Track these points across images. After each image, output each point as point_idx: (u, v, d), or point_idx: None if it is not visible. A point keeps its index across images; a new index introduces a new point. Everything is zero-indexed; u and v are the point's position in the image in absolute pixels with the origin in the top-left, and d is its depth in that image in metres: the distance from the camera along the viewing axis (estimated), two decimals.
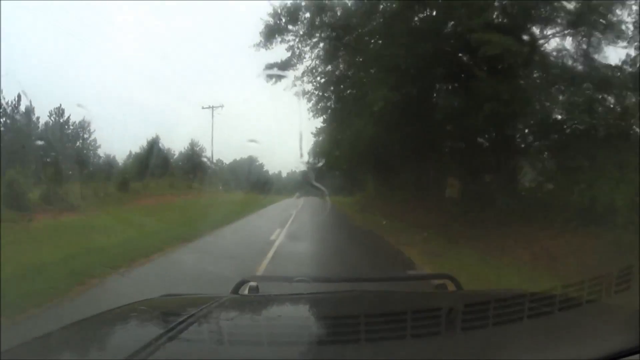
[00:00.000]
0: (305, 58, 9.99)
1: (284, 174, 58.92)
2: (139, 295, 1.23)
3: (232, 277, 1.52)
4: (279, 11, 9.13)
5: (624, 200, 4.56)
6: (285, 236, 8.11)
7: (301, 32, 9.32)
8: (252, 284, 1.25)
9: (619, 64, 6.58)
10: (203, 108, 25.02)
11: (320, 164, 34.62)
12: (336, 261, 5.75)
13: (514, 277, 4.34)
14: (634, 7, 6.50)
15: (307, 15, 9.12)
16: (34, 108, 18.79)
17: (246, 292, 1.24)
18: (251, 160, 41.86)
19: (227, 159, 41.12)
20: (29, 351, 0.86)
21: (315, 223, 11.41)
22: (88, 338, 0.92)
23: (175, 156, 32.06)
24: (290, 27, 9.41)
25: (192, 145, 32.08)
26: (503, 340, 0.92)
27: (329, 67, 10.26)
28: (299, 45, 9.61)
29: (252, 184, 36.61)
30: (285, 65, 9.87)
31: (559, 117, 7.24)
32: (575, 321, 0.89)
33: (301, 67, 10.05)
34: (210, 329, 0.87)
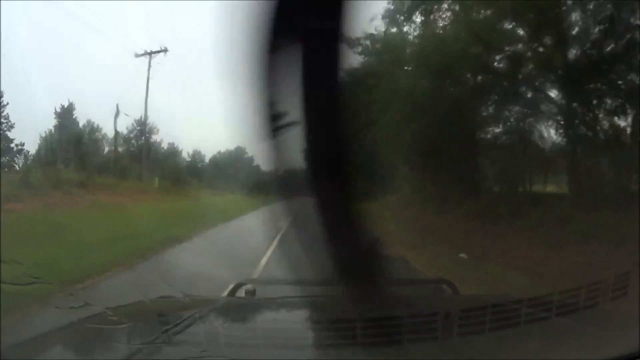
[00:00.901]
0: None
1: (281, 172, 59.62)
2: None
3: None
4: None
5: None
6: None
7: None
8: (249, 286, 1.45)
9: None
10: (137, 56, 21.43)
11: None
12: None
13: None
14: None
15: None
16: None
17: (243, 294, 1.43)
18: (238, 153, 40.46)
19: (211, 152, 40.29)
20: (27, 351, 1.05)
21: None
22: (85, 339, 1.13)
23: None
24: None
25: (135, 121, 26.30)
26: (500, 346, 1.08)
27: None
28: None
29: (240, 182, 35.05)
30: None
31: None
32: (572, 327, 1.09)
33: None
34: (207, 331, 1.07)
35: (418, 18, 10.37)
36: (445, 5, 10.25)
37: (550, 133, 10.63)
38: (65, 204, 12.81)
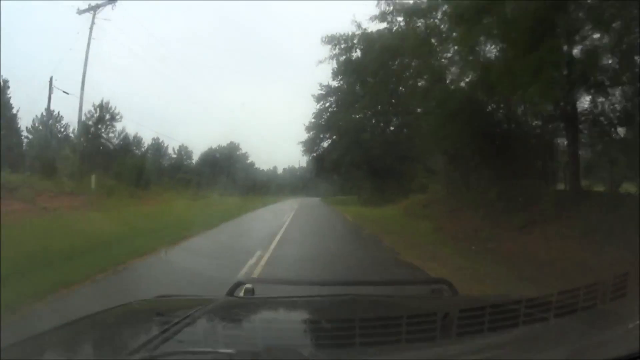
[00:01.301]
0: None
1: (279, 171, 61.59)
2: None
3: None
4: None
5: None
6: None
7: None
8: (248, 286, 1.86)
9: None
10: (79, 12, 22.25)
11: (327, 144, 32.20)
12: None
13: None
14: None
15: None
16: None
17: (241, 294, 1.81)
18: (231, 149, 41.86)
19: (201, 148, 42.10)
20: (27, 350, 1.42)
21: None
22: (83, 338, 1.50)
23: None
24: None
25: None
26: (498, 346, 1.43)
27: None
28: None
29: (232, 181, 35.62)
30: None
31: None
32: (571, 327, 1.46)
33: None
34: (205, 330, 1.41)
35: None
36: None
37: None
38: None
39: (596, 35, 9.55)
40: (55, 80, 22.71)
